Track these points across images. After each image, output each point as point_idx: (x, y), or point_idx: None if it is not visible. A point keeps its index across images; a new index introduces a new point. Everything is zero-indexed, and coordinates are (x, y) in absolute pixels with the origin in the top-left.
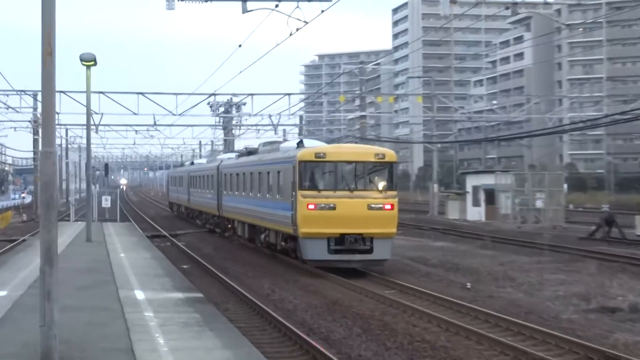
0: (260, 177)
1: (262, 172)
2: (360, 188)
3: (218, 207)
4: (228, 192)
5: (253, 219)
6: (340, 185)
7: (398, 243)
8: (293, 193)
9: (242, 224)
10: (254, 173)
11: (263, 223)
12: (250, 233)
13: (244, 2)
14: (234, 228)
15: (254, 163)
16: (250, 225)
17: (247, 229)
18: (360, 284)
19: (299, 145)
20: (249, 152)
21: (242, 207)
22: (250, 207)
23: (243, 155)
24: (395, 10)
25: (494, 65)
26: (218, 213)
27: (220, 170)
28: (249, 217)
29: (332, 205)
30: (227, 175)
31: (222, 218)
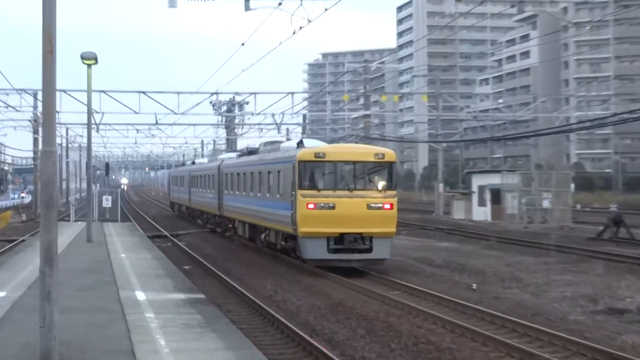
0: (261, 176)
1: (262, 171)
2: (360, 188)
3: (219, 206)
4: (229, 191)
5: (254, 219)
6: (340, 185)
7: (402, 243)
8: (293, 192)
9: (242, 224)
10: (255, 173)
11: (263, 223)
12: (251, 233)
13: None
14: (235, 228)
15: (255, 163)
16: (251, 225)
17: (247, 229)
18: (364, 285)
19: (299, 145)
20: (250, 151)
21: (242, 206)
22: (251, 206)
23: (244, 155)
24: (400, 9)
25: (500, 64)
26: (219, 213)
27: (221, 170)
28: (250, 216)
29: (331, 205)
30: (228, 175)
31: (223, 218)
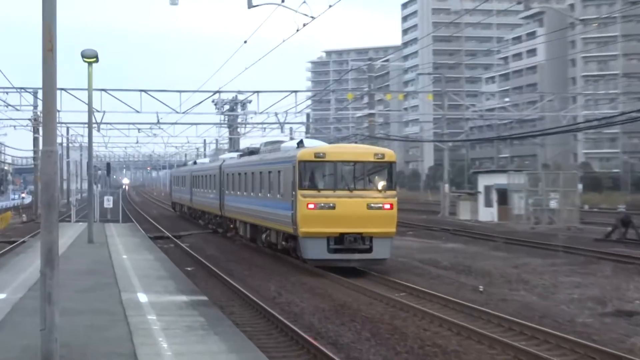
0: (262, 177)
1: (263, 172)
2: (360, 188)
3: (220, 207)
4: (230, 192)
5: (255, 219)
6: (340, 185)
7: (408, 245)
8: (293, 193)
9: (244, 224)
10: (256, 173)
11: (264, 223)
12: (252, 233)
13: None
14: (236, 228)
15: (256, 163)
16: (252, 225)
17: (248, 229)
18: (369, 287)
19: (299, 145)
20: (251, 151)
21: (244, 207)
22: (252, 206)
23: (245, 155)
24: (405, 5)
25: (506, 62)
26: (220, 213)
27: (223, 170)
28: (251, 216)
29: (331, 205)
30: (229, 175)
31: (224, 218)
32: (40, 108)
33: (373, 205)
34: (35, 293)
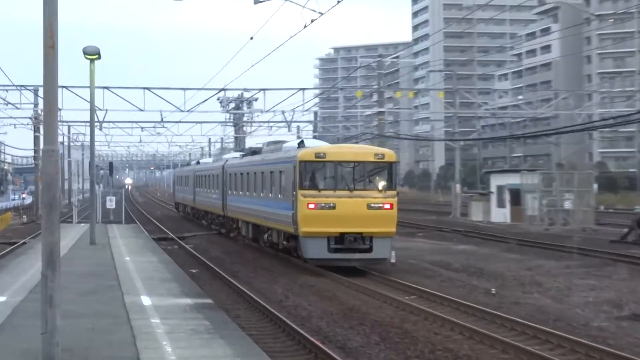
0: (264, 176)
1: (265, 172)
2: (360, 188)
3: (223, 207)
4: (233, 192)
5: (257, 219)
6: (340, 185)
7: (418, 246)
8: (294, 192)
9: (246, 224)
10: (257, 173)
11: (266, 223)
12: (254, 233)
13: None
14: (239, 228)
15: (258, 163)
16: (254, 225)
17: (251, 229)
18: (378, 290)
19: (300, 145)
20: (253, 151)
21: (246, 207)
22: (254, 206)
23: (247, 155)
24: (415, 1)
25: (520, 59)
26: (223, 213)
27: (226, 170)
28: (253, 216)
29: (332, 205)
30: (232, 175)
31: (227, 218)
32: (41, 106)
33: (373, 205)
34: (36, 295)
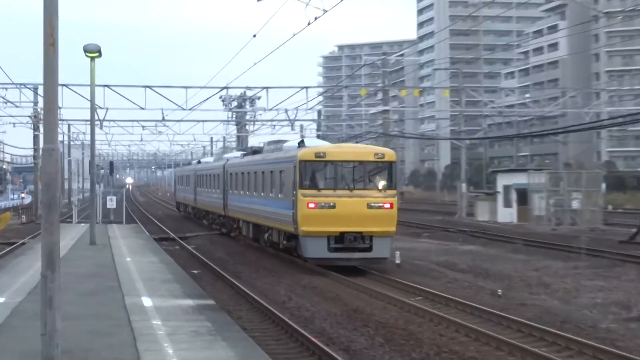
0: (264, 176)
1: (265, 171)
2: (360, 187)
3: (224, 206)
4: (234, 191)
5: (257, 219)
6: (340, 185)
7: (424, 247)
8: (294, 192)
9: (247, 224)
10: (258, 172)
11: (266, 222)
12: (255, 232)
13: None
14: (240, 228)
15: (258, 162)
16: (255, 225)
17: (251, 229)
18: (383, 290)
19: (300, 145)
20: (254, 151)
21: (247, 206)
22: (255, 206)
23: (248, 155)
24: None
25: (527, 56)
26: (224, 213)
27: (227, 170)
28: (254, 216)
29: (332, 204)
30: (232, 175)
31: (227, 218)
32: (41, 105)
33: (373, 205)
34: (36, 297)
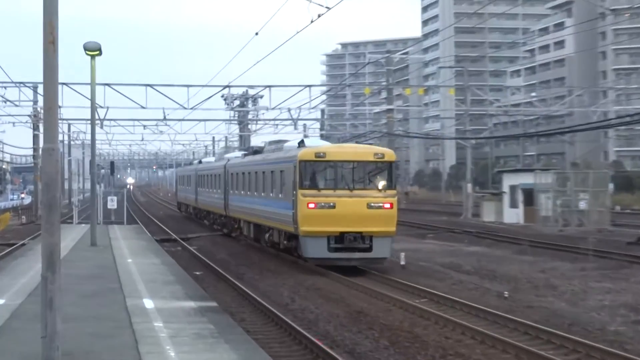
0: (265, 176)
1: (266, 171)
2: (360, 187)
3: (225, 206)
4: (235, 191)
5: (258, 219)
6: (340, 185)
7: (429, 248)
8: (294, 192)
9: (247, 224)
10: (259, 172)
11: (267, 222)
12: (256, 233)
13: None
14: (241, 228)
15: (259, 162)
16: (256, 225)
17: (252, 229)
18: (387, 292)
19: (300, 145)
20: (255, 151)
21: (247, 206)
22: (255, 206)
23: (249, 154)
24: None
25: (533, 54)
26: (225, 213)
27: (227, 170)
28: (254, 216)
29: (332, 204)
30: (233, 175)
31: (228, 218)
32: (41, 104)
33: (373, 205)
34: (36, 298)
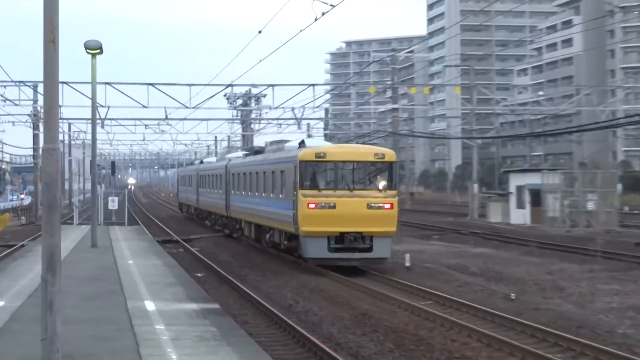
0: (265, 176)
1: (266, 171)
2: (360, 187)
3: (226, 207)
4: (236, 192)
5: (259, 219)
6: (340, 185)
7: (434, 249)
8: (294, 192)
9: (248, 224)
10: (260, 173)
11: (268, 222)
12: (257, 233)
13: None
14: (242, 229)
15: (260, 162)
16: (257, 225)
17: (253, 229)
18: (392, 294)
19: (301, 145)
20: (256, 151)
21: (248, 207)
22: (256, 207)
23: (250, 155)
24: None
25: (540, 53)
26: (226, 213)
27: (229, 170)
28: (255, 217)
29: (332, 205)
30: (235, 175)
31: (230, 219)
32: (41, 103)
33: (373, 205)
34: (36, 300)
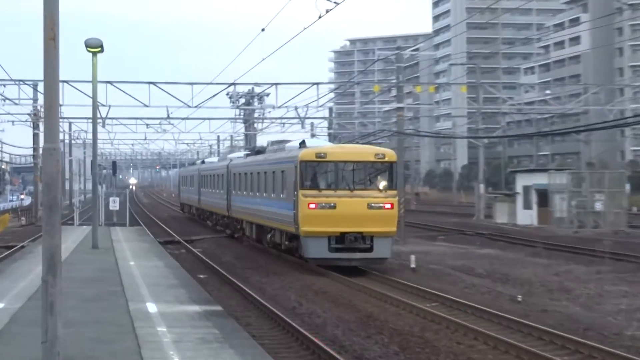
0: (266, 176)
1: (267, 172)
2: (361, 187)
3: (228, 207)
4: (237, 192)
5: (260, 219)
6: (341, 185)
7: (440, 250)
8: (295, 192)
9: (250, 225)
10: (261, 173)
11: (269, 223)
12: (258, 233)
13: None
14: (243, 229)
15: (261, 162)
16: (258, 226)
17: (254, 230)
18: (397, 296)
19: (301, 145)
20: (257, 151)
21: (250, 207)
22: (257, 207)
23: (252, 155)
24: None
25: (547, 51)
26: (228, 213)
27: (230, 170)
28: (256, 217)
29: (332, 205)
30: (236, 175)
31: (231, 219)
32: (41, 102)
33: (374, 205)
34: (36, 302)
